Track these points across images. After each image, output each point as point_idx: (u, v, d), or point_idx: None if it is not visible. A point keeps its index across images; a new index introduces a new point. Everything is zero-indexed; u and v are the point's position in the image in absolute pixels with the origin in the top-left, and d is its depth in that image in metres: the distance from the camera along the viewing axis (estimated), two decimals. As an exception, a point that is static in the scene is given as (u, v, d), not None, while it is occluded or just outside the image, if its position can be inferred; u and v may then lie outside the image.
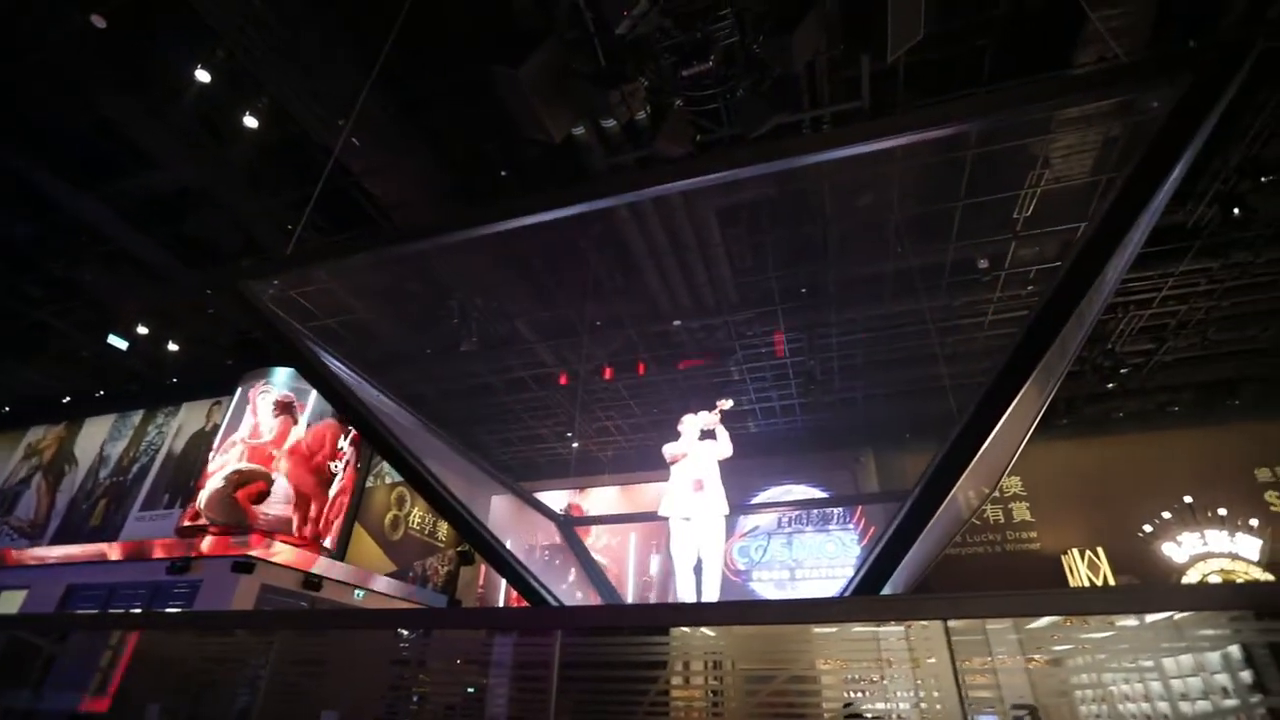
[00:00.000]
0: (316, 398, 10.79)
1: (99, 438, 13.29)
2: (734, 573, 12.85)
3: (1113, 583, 10.71)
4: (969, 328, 10.13)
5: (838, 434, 13.14)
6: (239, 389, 11.15)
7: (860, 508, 12.63)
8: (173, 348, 11.14)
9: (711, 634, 2.49)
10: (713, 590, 4.69)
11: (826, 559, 12.58)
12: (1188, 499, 10.95)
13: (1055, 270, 3.80)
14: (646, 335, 10.45)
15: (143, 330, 10.62)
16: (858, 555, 11.99)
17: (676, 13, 5.46)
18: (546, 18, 5.62)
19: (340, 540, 11.35)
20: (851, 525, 12.67)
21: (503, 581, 12.44)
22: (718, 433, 5.02)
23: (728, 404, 5.04)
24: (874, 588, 2.88)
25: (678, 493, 4.93)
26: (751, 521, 13.10)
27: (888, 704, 2.23)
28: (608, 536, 14.14)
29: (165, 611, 8.38)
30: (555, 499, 14.02)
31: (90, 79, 6.69)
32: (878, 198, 7.62)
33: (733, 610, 2.72)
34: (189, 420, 12.54)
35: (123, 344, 10.34)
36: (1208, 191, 7.38)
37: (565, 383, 11.47)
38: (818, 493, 13.03)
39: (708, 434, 5.08)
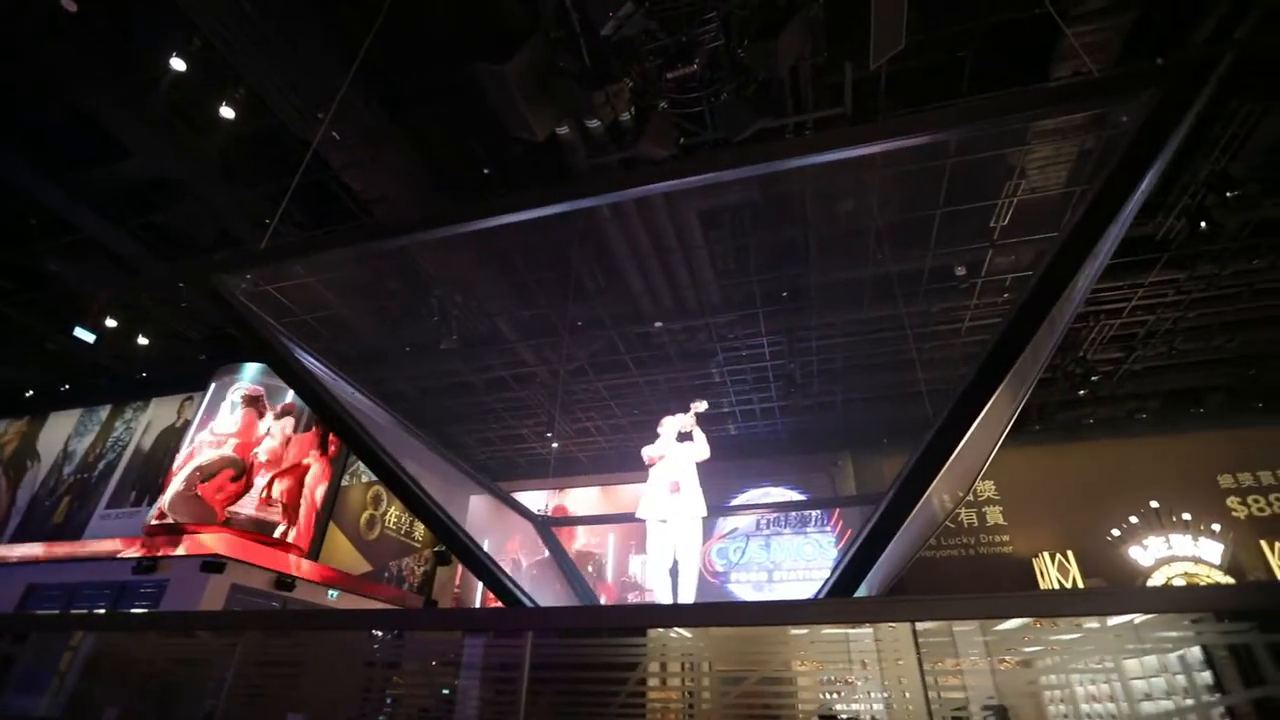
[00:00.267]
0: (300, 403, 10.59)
1: (63, 433, 12.92)
2: (712, 574, 12.89)
3: (1081, 585, 10.93)
4: (946, 334, 10.29)
5: (817, 437, 13.26)
6: (212, 385, 10.91)
7: (838, 510, 12.76)
8: (143, 341, 10.86)
9: (684, 635, 2.48)
10: (688, 592, 4.70)
11: (804, 561, 12.67)
12: (1154, 504, 11.24)
13: (1029, 278, 3.87)
14: (627, 336, 10.43)
15: (111, 323, 10.33)
16: (834, 557, 12.09)
17: (662, 15, 5.48)
18: (532, 15, 5.60)
19: (314, 540, 11.15)
20: (829, 528, 12.78)
21: (480, 582, 12.33)
22: (695, 435, 5.03)
23: (702, 406, 5.05)
24: (848, 590, 2.90)
25: (655, 494, 4.93)
26: (730, 523, 13.15)
27: (858, 705, 2.25)
28: (587, 536, 14.12)
29: (128, 612, 8.17)
30: (537, 499, 13.95)
31: (61, 65, 6.51)
32: (858, 204, 7.71)
33: (704, 612, 2.72)
34: (159, 416, 12.24)
35: (90, 337, 10.04)
36: (1176, 205, 7.58)
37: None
38: (796, 495, 13.12)
39: (686, 436, 5.09)
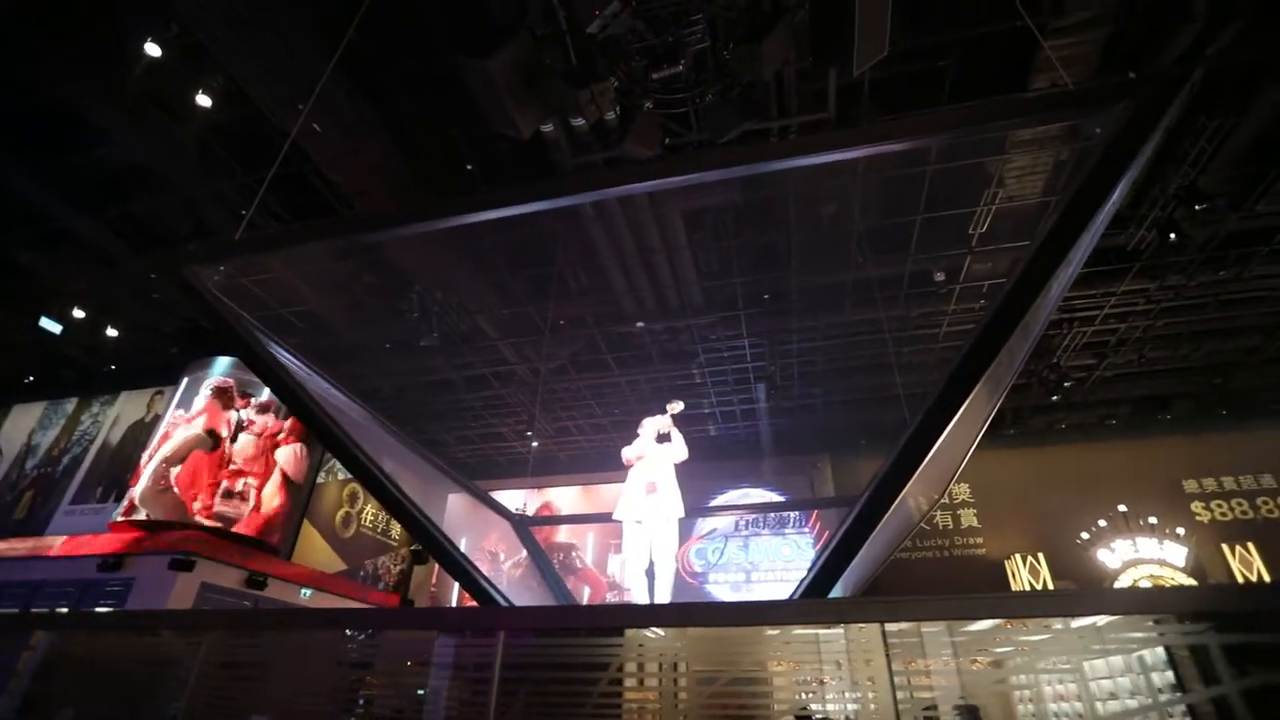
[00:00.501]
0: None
1: (26, 426, 12.54)
2: (691, 575, 12.92)
3: (1052, 587, 11.15)
4: (925, 338, 10.44)
5: (796, 439, 13.36)
6: (184, 379, 10.66)
7: (815, 512, 12.87)
8: (112, 333, 10.58)
9: (658, 635, 2.48)
10: (664, 592, 4.70)
11: (782, 562, 12.76)
12: (1122, 508, 11.51)
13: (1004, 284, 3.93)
14: (609, 335, 10.41)
15: (79, 314, 10.04)
16: (811, 558, 12.19)
17: (648, 15, 5.48)
18: (519, 11, 5.56)
19: (287, 538, 10.95)
20: (807, 529, 12.89)
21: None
22: (673, 435, 5.04)
23: (678, 407, 5.07)
24: (822, 590, 2.92)
25: (632, 495, 4.93)
26: (709, 524, 13.20)
27: (832, 705, 2.27)
28: (569, 534, 14.08)
29: (91, 611, 7.95)
30: (516, 499, 13.86)
31: (33, 47, 6.31)
32: (840, 208, 7.79)
33: (678, 612, 2.72)
34: (127, 410, 11.93)
35: (56, 328, 9.75)
36: (1147, 217, 7.78)
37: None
38: (775, 496, 13.21)
39: (664, 437, 5.09)
